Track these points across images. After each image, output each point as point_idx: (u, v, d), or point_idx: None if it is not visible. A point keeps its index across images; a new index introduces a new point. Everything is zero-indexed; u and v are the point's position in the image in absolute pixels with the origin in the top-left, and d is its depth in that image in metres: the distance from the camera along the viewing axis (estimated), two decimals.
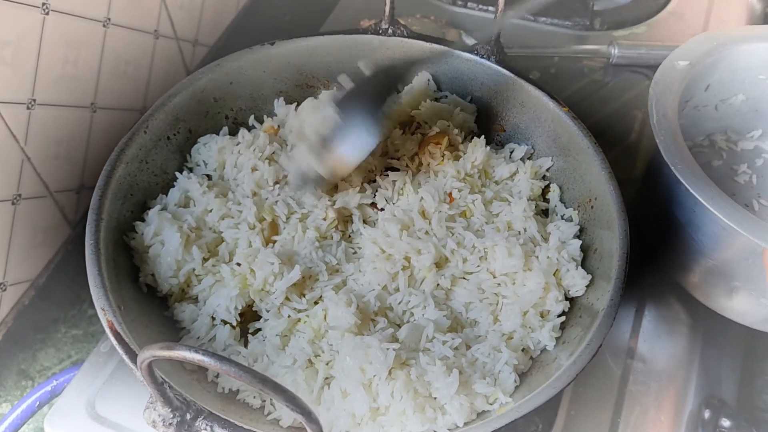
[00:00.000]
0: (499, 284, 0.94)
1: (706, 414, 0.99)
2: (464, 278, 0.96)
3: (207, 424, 0.74)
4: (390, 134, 1.07)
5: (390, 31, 1.13)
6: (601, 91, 1.38)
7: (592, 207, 0.99)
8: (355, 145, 0.96)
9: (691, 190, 0.92)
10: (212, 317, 0.92)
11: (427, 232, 0.98)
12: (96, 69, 1.21)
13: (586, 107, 1.33)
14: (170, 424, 0.73)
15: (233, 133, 1.09)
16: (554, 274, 0.94)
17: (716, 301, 1.05)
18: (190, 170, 1.06)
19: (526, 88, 1.08)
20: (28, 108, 1.09)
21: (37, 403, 1.11)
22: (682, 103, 1.06)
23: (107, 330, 0.80)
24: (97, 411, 0.99)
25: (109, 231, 0.91)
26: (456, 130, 1.08)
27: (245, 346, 0.92)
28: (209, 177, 1.05)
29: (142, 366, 0.64)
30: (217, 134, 1.09)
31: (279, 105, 1.14)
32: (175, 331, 0.93)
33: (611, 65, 1.40)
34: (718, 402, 1.00)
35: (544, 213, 1.06)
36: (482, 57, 1.10)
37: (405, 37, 1.13)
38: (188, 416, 0.74)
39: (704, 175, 0.94)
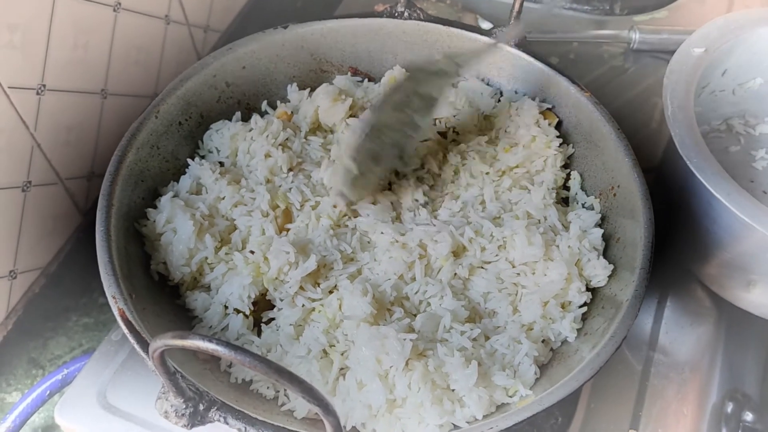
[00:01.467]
0: (518, 274, 0.92)
1: (729, 407, 0.97)
2: (482, 267, 0.94)
3: (221, 415, 0.72)
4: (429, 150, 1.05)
5: (406, 14, 1.10)
6: (621, 77, 1.35)
7: (614, 195, 0.96)
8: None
9: (707, 185, 0.90)
10: (225, 306, 0.90)
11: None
12: (106, 54, 1.19)
13: (606, 94, 1.28)
14: (183, 414, 0.71)
15: (246, 118, 1.07)
16: (576, 264, 0.91)
17: (733, 294, 1.03)
18: (202, 157, 1.04)
19: (546, 73, 1.05)
20: (37, 93, 1.07)
21: (48, 392, 1.10)
22: (699, 89, 1.04)
23: (118, 318, 0.79)
24: (108, 400, 0.97)
25: (120, 218, 0.89)
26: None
27: (258, 335, 0.90)
28: (222, 164, 1.03)
29: (154, 355, 0.62)
30: (230, 120, 1.07)
31: (292, 90, 1.12)
32: (187, 320, 0.92)
33: (632, 51, 1.37)
34: (742, 396, 0.97)
35: (564, 201, 1.03)
36: (497, 39, 1.07)
37: (422, 20, 1.10)
38: (201, 407, 0.72)
39: (721, 168, 0.91)
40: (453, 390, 0.82)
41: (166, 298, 0.92)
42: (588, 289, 0.91)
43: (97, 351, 1.03)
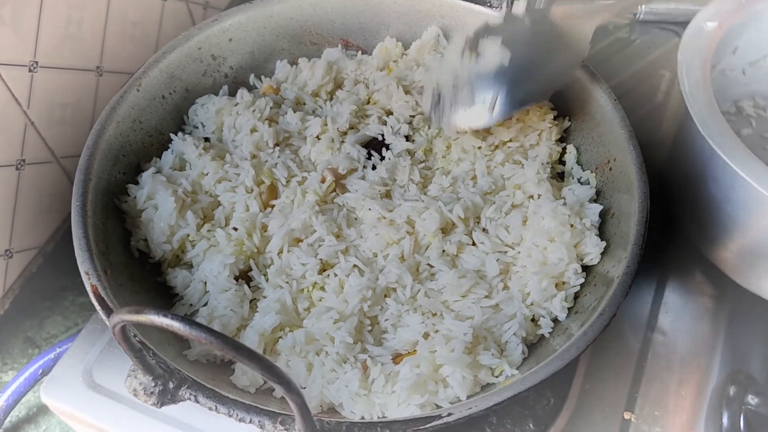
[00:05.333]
0: (506, 252, 0.89)
1: (732, 390, 0.93)
2: (471, 245, 0.90)
3: (191, 393, 0.70)
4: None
5: None
6: (627, 49, 1.30)
7: (610, 169, 0.92)
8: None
9: (733, 165, 0.83)
10: (204, 283, 0.87)
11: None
12: (101, 31, 1.17)
13: (611, 66, 1.25)
14: (152, 392, 0.69)
15: (233, 93, 1.05)
16: (575, 246, 0.88)
17: (751, 281, 0.98)
18: (189, 133, 1.01)
19: None
20: (30, 70, 1.05)
21: (41, 370, 1.10)
22: (711, 70, 0.98)
23: (90, 294, 0.77)
24: (94, 379, 0.96)
25: (99, 193, 0.87)
26: None
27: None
28: (207, 139, 1.01)
29: (114, 331, 0.60)
30: (216, 94, 1.04)
31: (280, 66, 1.09)
32: (168, 298, 0.90)
33: (638, 21, 1.32)
34: (745, 378, 0.93)
35: (560, 176, 0.99)
36: (495, 9, 1.03)
37: None
38: (171, 385, 0.70)
39: (745, 148, 0.85)
40: (438, 370, 0.79)
41: (147, 275, 0.90)
42: (582, 267, 0.88)
43: (84, 330, 1.01)
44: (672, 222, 1.00)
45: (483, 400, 0.70)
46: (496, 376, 0.79)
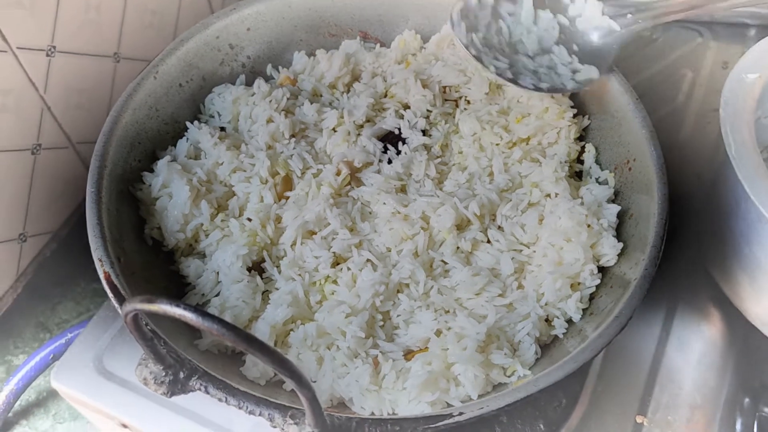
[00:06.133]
0: (521, 251, 0.88)
1: (746, 400, 0.91)
2: (487, 242, 0.89)
3: (202, 384, 0.70)
4: None
5: None
6: (649, 47, 1.28)
7: (630, 169, 0.91)
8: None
9: None
10: (217, 273, 0.87)
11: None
12: (120, 17, 1.17)
13: (632, 65, 1.23)
14: (162, 382, 0.69)
15: (250, 82, 1.04)
16: (591, 247, 0.87)
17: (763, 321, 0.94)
18: (204, 122, 1.01)
19: None
20: (47, 55, 1.05)
21: (51, 355, 1.10)
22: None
23: (103, 282, 0.77)
24: (105, 366, 0.96)
25: (113, 180, 0.87)
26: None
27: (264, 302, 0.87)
28: (223, 129, 1.00)
29: (126, 319, 0.60)
30: (233, 84, 1.03)
31: (298, 57, 1.08)
32: (180, 287, 0.89)
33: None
34: (760, 386, 0.92)
35: (578, 175, 0.98)
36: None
37: None
38: (181, 375, 0.70)
39: None
40: (449, 368, 0.78)
41: (160, 263, 0.90)
42: (598, 269, 0.86)
43: (96, 316, 1.01)
44: (695, 252, 0.98)
45: (495, 400, 0.70)
46: (508, 376, 0.79)
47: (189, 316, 0.54)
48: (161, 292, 0.85)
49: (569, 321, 0.84)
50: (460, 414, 0.69)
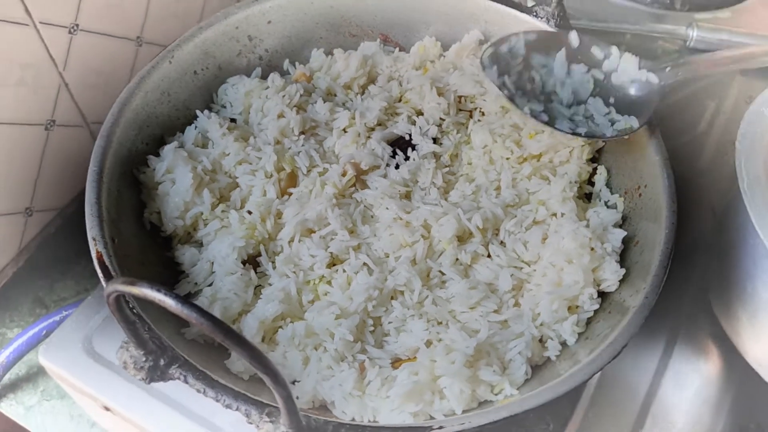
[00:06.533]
0: (522, 268, 0.86)
1: None
2: (487, 256, 0.88)
3: (181, 373, 0.69)
4: None
5: None
6: None
7: (640, 195, 0.89)
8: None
9: None
10: (212, 263, 0.86)
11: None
12: (146, 2, 1.17)
13: None
14: (141, 367, 0.68)
15: (266, 76, 1.03)
16: (593, 271, 0.85)
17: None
18: (216, 112, 1.00)
19: None
20: (70, 32, 1.05)
21: (45, 331, 1.09)
22: None
23: (95, 261, 0.76)
24: (94, 347, 0.95)
25: (118, 160, 0.87)
26: None
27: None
28: (234, 120, 1.00)
29: (109, 300, 0.59)
30: (249, 76, 1.03)
31: (316, 54, 1.07)
32: (175, 274, 0.89)
33: (688, 48, 1.28)
34: (756, 428, 0.89)
35: (587, 197, 0.96)
36: (540, 19, 1.00)
37: None
38: (162, 362, 0.69)
39: None
40: (436, 380, 0.77)
41: (156, 249, 0.89)
42: (598, 293, 0.85)
43: (91, 296, 1.01)
44: (700, 281, 0.95)
45: (478, 416, 0.68)
46: (495, 394, 0.77)
47: (169, 302, 0.53)
48: (154, 277, 0.85)
49: (564, 344, 0.82)
50: (440, 428, 0.67)
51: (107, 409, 0.96)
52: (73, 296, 1.21)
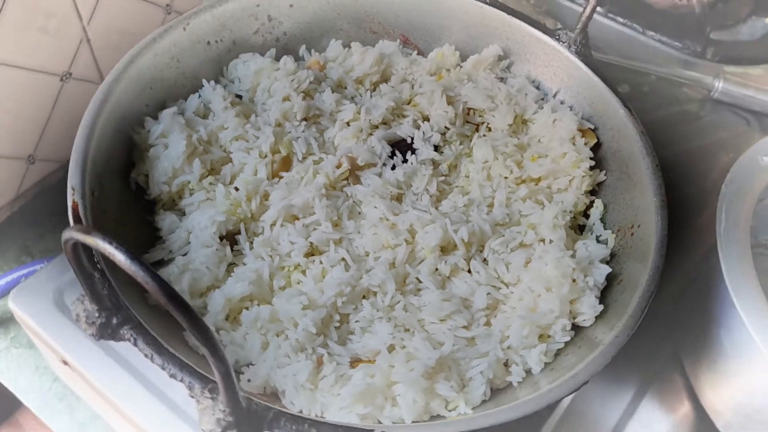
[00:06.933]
0: (500, 288, 0.84)
1: None
2: (467, 271, 0.86)
3: (132, 335, 0.68)
4: None
5: None
6: (693, 123, 1.24)
7: (632, 234, 0.87)
8: None
9: (749, 329, 0.75)
10: (190, 233, 0.85)
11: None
12: None
13: (672, 136, 1.19)
14: (93, 322, 0.67)
15: (279, 58, 1.02)
16: (571, 302, 0.83)
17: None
18: (224, 86, 1.00)
19: (599, 90, 0.96)
20: None
21: (23, 279, 1.09)
22: (757, 203, 0.89)
23: (69, 210, 0.75)
24: (63, 299, 0.94)
25: (115, 117, 0.86)
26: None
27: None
28: (240, 97, 0.99)
29: (66, 248, 0.58)
30: (262, 55, 1.02)
31: (334, 45, 1.06)
32: (152, 239, 0.88)
33: (711, 99, 1.25)
34: None
35: (580, 229, 0.94)
36: (562, 43, 0.98)
37: (486, 3, 1.03)
38: (115, 320, 0.67)
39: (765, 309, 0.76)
40: (391, 386, 0.75)
41: (138, 211, 0.88)
42: (573, 326, 0.82)
43: None
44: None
45: (424, 428, 0.66)
46: (449, 410, 0.75)
47: (119, 256, 0.51)
48: (129, 238, 0.84)
49: (529, 371, 0.80)
50: None
51: (65, 363, 0.95)
52: (60, 249, 1.20)
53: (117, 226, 0.82)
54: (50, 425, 1.05)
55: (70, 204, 0.75)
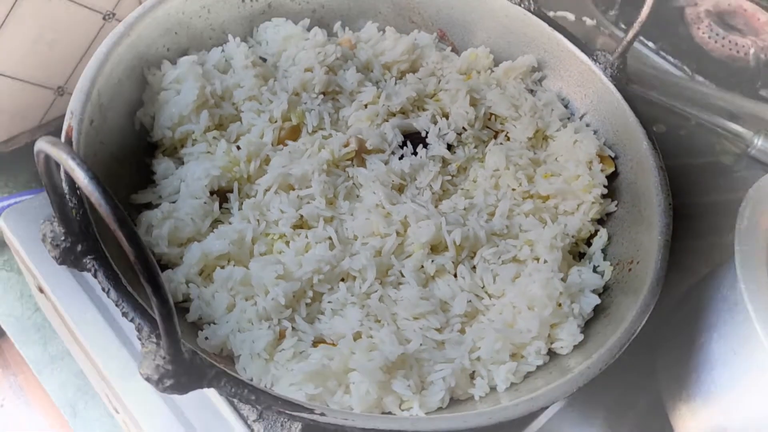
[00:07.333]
0: (482, 298, 0.81)
1: None
2: (452, 274, 0.83)
3: (93, 266, 0.66)
4: None
5: None
6: (724, 177, 1.19)
7: (629, 270, 0.83)
8: None
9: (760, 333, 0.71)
10: (182, 182, 0.84)
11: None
12: None
13: (698, 185, 1.15)
14: (57, 245, 0.65)
15: (311, 29, 1.01)
16: (551, 326, 0.79)
17: None
18: (251, 46, 0.98)
19: (627, 119, 0.92)
20: None
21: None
22: None
23: (63, 134, 0.74)
24: None
25: (132, 51, 0.86)
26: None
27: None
28: (264, 60, 0.97)
29: (38, 161, 0.57)
30: (295, 23, 1.00)
31: (369, 27, 1.04)
32: (145, 181, 0.86)
33: (748, 155, 1.20)
34: None
35: (580, 256, 0.91)
36: (598, 64, 0.95)
37: (531, 11, 1.00)
38: (79, 248, 0.66)
39: None
40: (347, 373, 0.72)
41: (137, 150, 0.87)
42: (549, 351, 0.79)
43: None
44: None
45: (363, 418, 0.63)
46: (402, 410, 0.72)
47: (79, 173, 0.50)
48: (122, 174, 0.83)
49: (494, 388, 0.76)
50: (322, 414, 0.63)
51: (41, 290, 0.94)
52: None
53: (112, 160, 0.81)
54: (23, 353, 1.05)
55: (65, 127, 0.75)
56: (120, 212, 0.49)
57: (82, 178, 0.50)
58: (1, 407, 1.64)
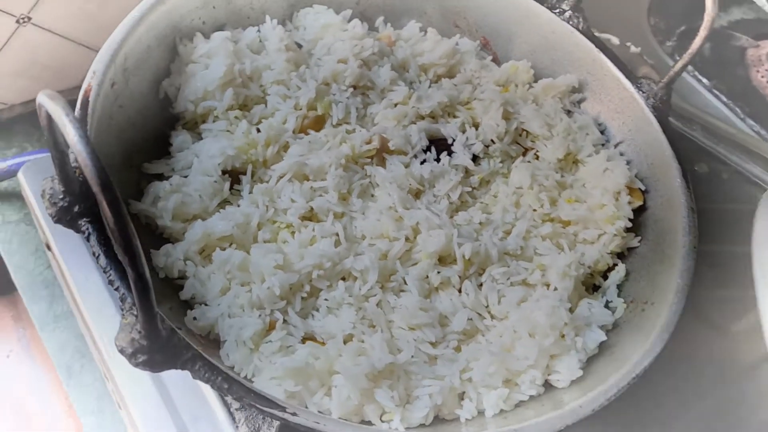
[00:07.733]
0: (484, 318, 0.78)
1: None
2: (457, 289, 0.80)
3: (87, 229, 0.65)
4: None
5: (568, 14, 0.97)
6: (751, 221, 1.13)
7: (643, 310, 0.79)
8: None
9: None
10: (197, 157, 0.82)
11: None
12: None
13: (732, 232, 1.08)
14: (54, 203, 0.64)
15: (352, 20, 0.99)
16: (551, 357, 0.76)
17: None
18: (289, 30, 0.96)
19: (663, 152, 0.88)
20: None
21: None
22: None
23: (81, 93, 0.74)
24: None
25: (164, 21, 0.85)
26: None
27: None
28: (300, 46, 0.96)
29: (40, 115, 0.55)
30: (337, 13, 0.98)
31: (411, 26, 1.02)
32: (160, 152, 0.85)
33: None
34: None
35: (594, 288, 0.87)
36: (641, 93, 0.91)
37: (578, 30, 0.96)
38: (76, 209, 0.65)
39: None
40: (332, 375, 0.70)
41: (156, 120, 0.86)
42: (545, 382, 0.75)
43: None
44: None
45: (336, 424, 0.61)
46: (382, 421, 0.69)
47: (70, 129, 0.49)
48: (137, 141, 0.82)
49: (482, 413, 0.73)
50: (294, 414, 0.60)
51: (48, 247, 0.94)
52: None
53: (128, 125, 0.81)
54: (29, 308, 1.05)
55: (84, 86, 0.74)
56: (105, 176, 0.48)
57: (72, 135, 0.48)
58: (8, 358, 1.67)
